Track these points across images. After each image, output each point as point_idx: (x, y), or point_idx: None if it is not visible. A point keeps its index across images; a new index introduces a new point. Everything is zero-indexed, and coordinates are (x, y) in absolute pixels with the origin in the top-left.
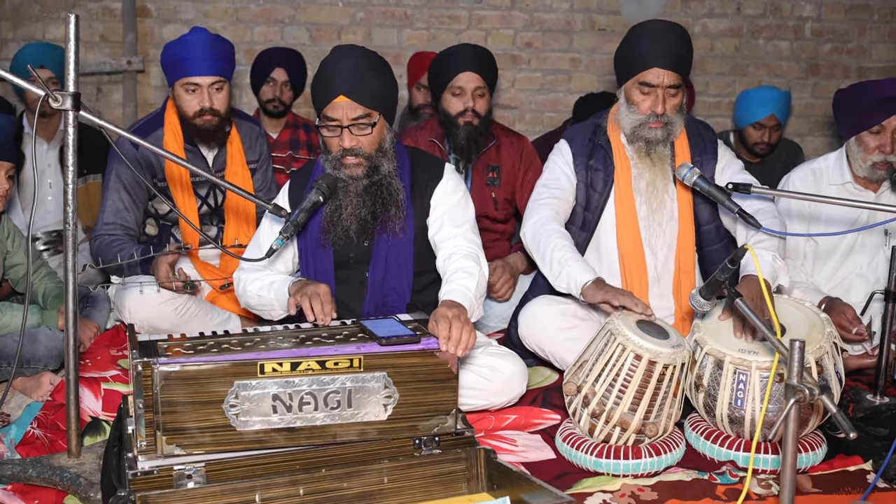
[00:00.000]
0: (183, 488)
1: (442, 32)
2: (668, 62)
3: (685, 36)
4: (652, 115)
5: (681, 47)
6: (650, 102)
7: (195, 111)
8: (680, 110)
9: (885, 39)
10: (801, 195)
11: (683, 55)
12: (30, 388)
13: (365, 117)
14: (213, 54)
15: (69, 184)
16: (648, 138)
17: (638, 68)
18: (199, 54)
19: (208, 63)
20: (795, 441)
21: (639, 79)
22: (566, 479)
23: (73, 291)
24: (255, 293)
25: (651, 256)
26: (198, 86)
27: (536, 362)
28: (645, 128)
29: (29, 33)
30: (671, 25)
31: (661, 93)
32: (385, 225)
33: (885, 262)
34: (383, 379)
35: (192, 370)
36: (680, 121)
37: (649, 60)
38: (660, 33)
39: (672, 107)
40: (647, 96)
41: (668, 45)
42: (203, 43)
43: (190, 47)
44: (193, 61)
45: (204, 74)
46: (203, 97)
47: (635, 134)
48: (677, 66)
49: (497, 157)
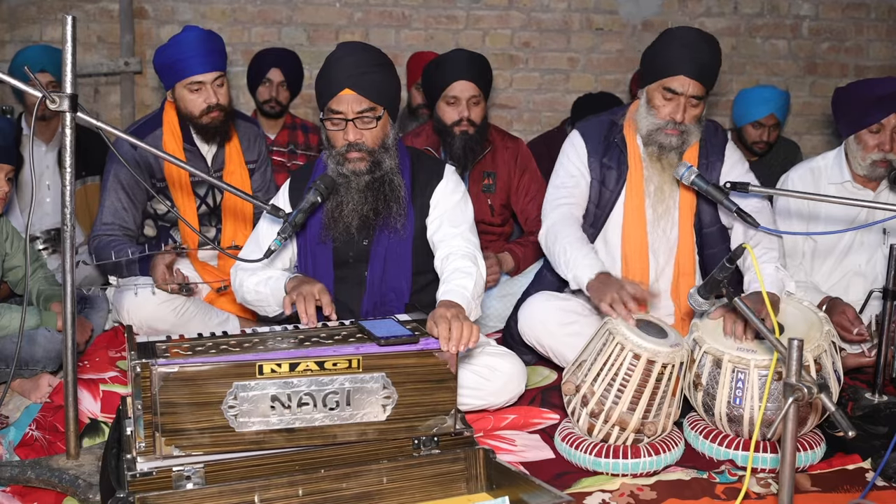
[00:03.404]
0: (182, 489)
1: (440, 33)
2: (696, 71)
3: (716, 48)
4: (671, 121)
5: (710, 58)
6: (671, 109)
7: (202, 109)
8: (699, 121)
9: (883, 38)
10: (800, 194)
11: (712, 67)
12: (28, 390)
13: (370, 111)
14: (209, 49)
15: (67, 185)
16: (663, 144)
17: (664, 73)
18: (197, 52)
19: (207, 59)
20: (794, 440)
21: (663, 83)
22: (565, 479)
23: (71, 293)
24: (251, 288)
25: (653, 259)
26: (202, 83)
27: (535, 359)
28: (661, 133)
29: (26, 35)
30: (704, 35)
31: (683, 101)
32: (386, 222)
33: (884, 261)
34: (382, 379)
35: (190, 371)
36: (697, 131)
37: (677, 67)
38: (691, 41)
39: (692, 117)
40: (669, 102)
41: (699, 54)
42: (199, 40)
43: (187, 47)
44: (193, 60)
45: (206, 71)
46: (209, 94)
47: (651, 137)
48: (703, 76)
49: (492, 164)
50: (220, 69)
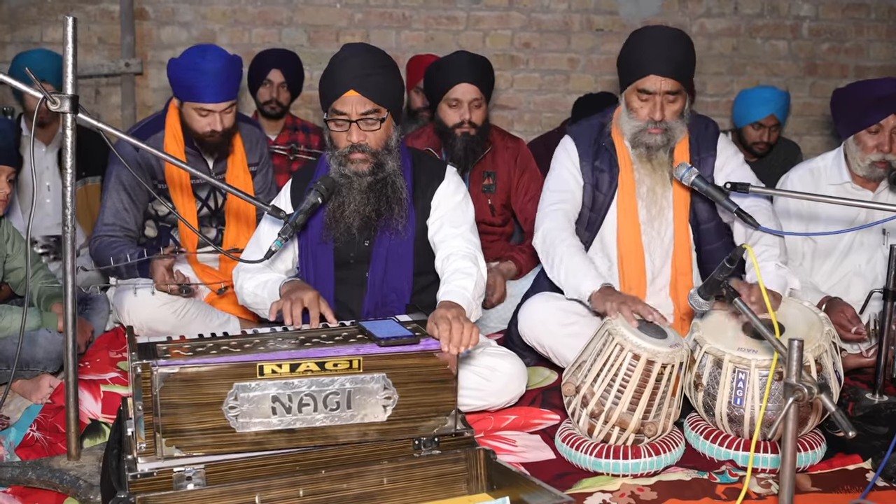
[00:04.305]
0: (182, 490)
1: (440, 33)
2: (666, 69)
3: (685, 41)
4: (651, 121)
5: (679, 53)
6: (648, 109)
7: (205, 132)
8: (681, 116)
9: (883, 38)
10: (800, 194)
11: (682, 61)
12: (29, 391)
13: (374, 113)
14: (226, 79)
15: (67, 186)
16: (649, 144)
17: (636, 75)
18: (213, 83)
19: (222, 90)
20: (795, 440)
21: (637, 86)
22: (566, 480)
23: (72, 294)
24: (251, 291)
25: (649, 261)
26: (210, 111)
27: (535, 360)
28: (645, 134)
29: (27, 36)
30: (670, 31)
31: (659, 99)
32: (388, 223)
33: (884, 261)
34: (382, 380)
35: (191, 372)
36: (681, 126)
37: (647, 67)
38: (657, 40)
39: (672, 113)
40: (645, 103)
41: (666, 51)
42: (218, 72)
43: (204, 76)
44: (208, 90)
45: (218, 101)
46: (215, 120)
47: (636, 140)
48: (675, 72)
49: (492, 164)
50: (232, 98)
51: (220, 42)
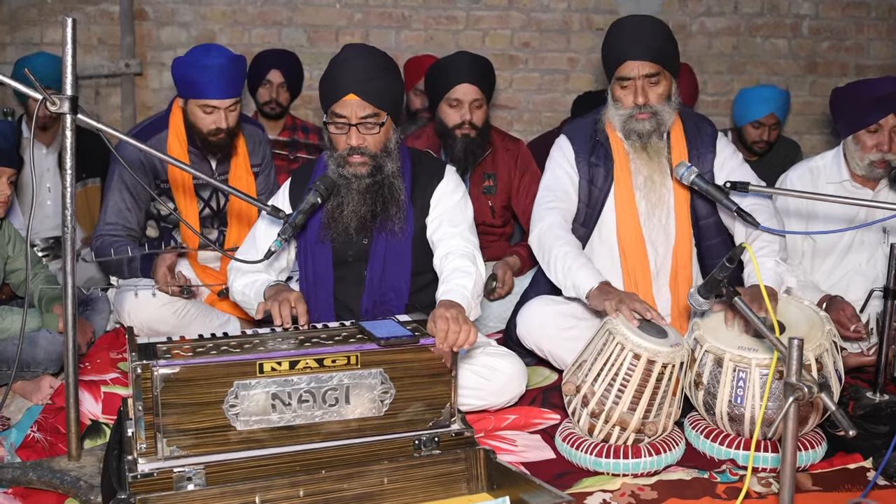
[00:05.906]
0: (183, 490)
1: (439, 33)
2: (641, 53)
3: (659, 25)
4: (635, 107)
5: (653, 37)
6: (631, 95)
7: (210, 130)
8: (667, 99)
9: (883, 37)
10: (799, 193)
11: (658, 44)
12: (30, 392)
13: (373, 117)
14: (231, 76)
15: (67, 187)
16: (639, 131)
17: (615, 65)
18: (218, 79)
19: (227, 87)
20: (795, 439)
21: (617, 74)
22: (566, 479)
23: (72, 295)
24: (239, 289)
25: (652, 251)
26: (215, 108)
27: (535, 361)
28: (633, 120)
29: (27, 37)
30: (642, 18)
31: (639, 83)
32: (384, 224)
33: (884, 260)
34: (380, 375)
35: (191, 372)
36: (669, 109)
37: (623, 54)
38: (630, 28)
39: (656, 96)
40: (627, 90)
41: (640, 36)
42: (222, 68)
43: (209, 72)
44: (212, 86)
45: (223, 98)
46: (220, 118)
47: (626, 128)
48: (651, 55)
49: (493, 165)
50: (237, 95)
51: (220, 42)
